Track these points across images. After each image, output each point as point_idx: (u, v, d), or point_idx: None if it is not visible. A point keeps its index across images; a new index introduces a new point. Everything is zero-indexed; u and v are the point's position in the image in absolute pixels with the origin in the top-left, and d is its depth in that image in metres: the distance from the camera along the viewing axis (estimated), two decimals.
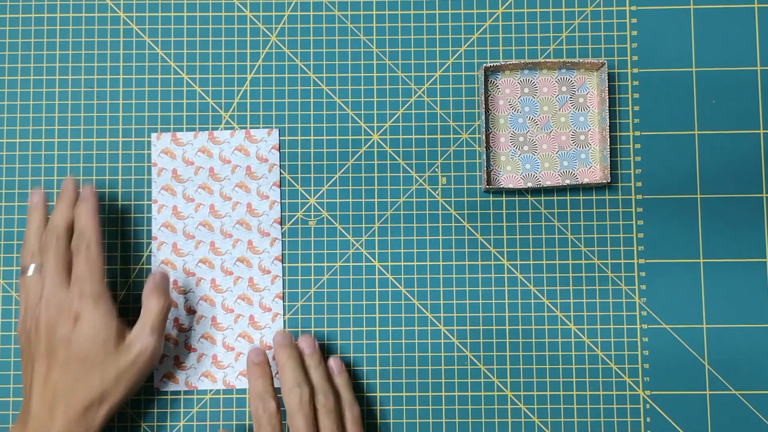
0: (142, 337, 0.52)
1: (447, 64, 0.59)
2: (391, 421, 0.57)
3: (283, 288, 0.58)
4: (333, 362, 0.55)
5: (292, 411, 0.52)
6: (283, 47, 0.59)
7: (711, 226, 0.57)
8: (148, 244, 0.58)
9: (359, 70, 0.59)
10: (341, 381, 0.55)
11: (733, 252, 0.57)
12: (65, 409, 0.50)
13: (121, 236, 0.58)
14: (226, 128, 0.58)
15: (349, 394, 0.55)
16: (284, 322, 0.57)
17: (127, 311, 0.57)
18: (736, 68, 0.58)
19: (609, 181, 0.56)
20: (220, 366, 0.57)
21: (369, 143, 0.58)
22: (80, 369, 0.51)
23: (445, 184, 0.58)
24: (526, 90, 0.58)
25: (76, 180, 0.56)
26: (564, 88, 0.58)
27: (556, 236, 0.58)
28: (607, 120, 0.56)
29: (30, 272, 0.53)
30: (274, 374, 0.55)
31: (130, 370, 0.51)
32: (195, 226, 0.57)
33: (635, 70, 0.58)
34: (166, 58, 0.59)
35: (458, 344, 0.57)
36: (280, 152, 0.58)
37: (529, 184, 0.57)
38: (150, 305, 0.53)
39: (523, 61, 0.57)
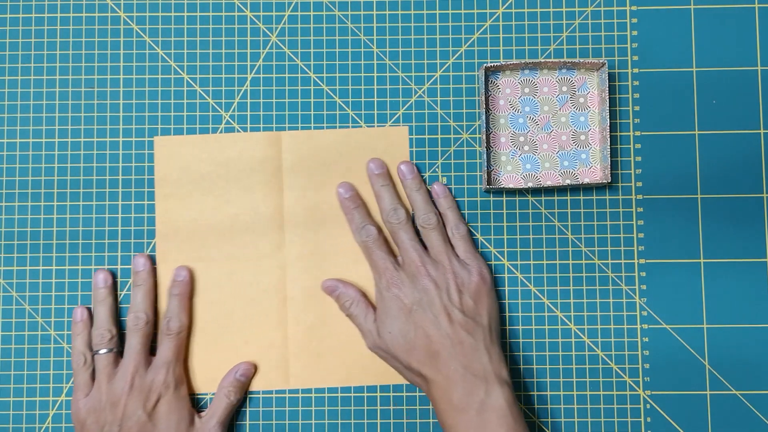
0: (208, 427, 0.54)
1: (447, 64, 0.59)
2: (392, 421, 0.57)
3: None
4: (437, 186, 0.57)
5: (394, 230, 0.55)
6: (283, 47, 0.59)
7: (711, 226, 0.57)
8: (149, 244, 0.58)
9: (359, 70, 0.59)
10: (446, 204, 0.57)
11: (733, 252, 0.57)
12: None
13: (122, 236, 0.58)
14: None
15: (454, 215, 0.56)
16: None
17: (126, 312, 0.57)
18: (736, 68, 0.58)
19: (609, 181, 0.56)
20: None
21: None
22: None
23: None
24: (526, 90, 0.58)
25: (150, 259, 0.57)
26: (564, 88, 0.58)
27: (556, 236, 0.58)
28: (608, 120, 0.56)
29: (102, 352, 0.54)
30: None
31: None
32: None
33: (635, 70, 0.58)
34: (166, 58, 0.59)
35: None
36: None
37: (530, 184, 0.57)
38: (221, 397, 0.55)
39: (523, 61, 0.57)
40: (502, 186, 0.57)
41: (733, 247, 0.57)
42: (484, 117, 0.56)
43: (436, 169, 0.58)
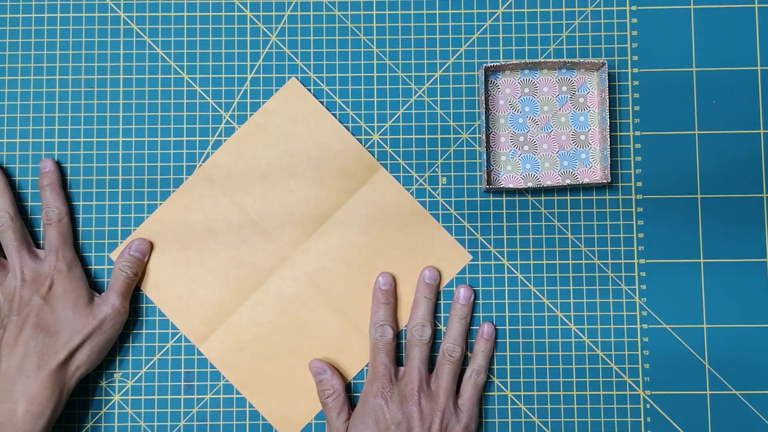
0: (108, 300, 0.55)
1: (447, 64, 0.59)
2: None
3: None
4: (486, 326, 0.56)
5: (412, 344, 0.55)
6: (283, 47, 0.59)
7: (711, 226, 0.57)
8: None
9: (359, 70, 0.59)
10: (483, 347, 0.56)
11: (733, 252, 0.57)
12: (37, 365, 0.52)
13: (121, 236, 0.58)
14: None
15: (483, 361, 0.56)
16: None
17: (130, 311, 0.57)
18: (736, 68, 0.58)
19: (609, 181, 0.56)
20: None
21: (369, 143, 0.58)
22: (51, 329, 0.53)
23: (445, 184, 0.58)
24: (526, 90, 0.58)
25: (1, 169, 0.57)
26: (564, 88, 0.58)
27: (556, 236, 0.58)
28: (608, 120, 0.56)
29: None
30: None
31: (97, 332, 0.54)
32: None
33: (635, 70, 0.58)
34: (166, 58, 0.59)
35: None
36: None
37: (530, 184, 0.57)
38: (117, 272, 0.56)
39: (523, 61, 0.57)
40: (502, 186, 0.57)
41: (733, 247, 0.57)
42: (483, 117, 0.56)
43: (436, 169, 0.58)
